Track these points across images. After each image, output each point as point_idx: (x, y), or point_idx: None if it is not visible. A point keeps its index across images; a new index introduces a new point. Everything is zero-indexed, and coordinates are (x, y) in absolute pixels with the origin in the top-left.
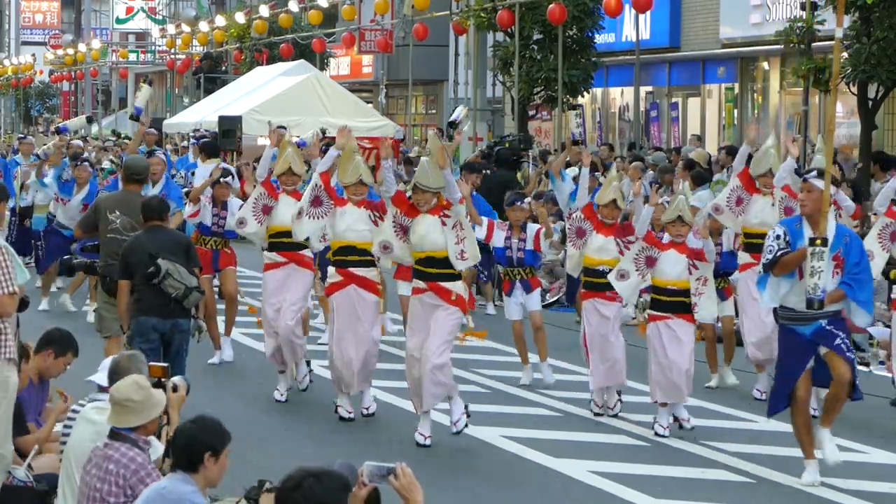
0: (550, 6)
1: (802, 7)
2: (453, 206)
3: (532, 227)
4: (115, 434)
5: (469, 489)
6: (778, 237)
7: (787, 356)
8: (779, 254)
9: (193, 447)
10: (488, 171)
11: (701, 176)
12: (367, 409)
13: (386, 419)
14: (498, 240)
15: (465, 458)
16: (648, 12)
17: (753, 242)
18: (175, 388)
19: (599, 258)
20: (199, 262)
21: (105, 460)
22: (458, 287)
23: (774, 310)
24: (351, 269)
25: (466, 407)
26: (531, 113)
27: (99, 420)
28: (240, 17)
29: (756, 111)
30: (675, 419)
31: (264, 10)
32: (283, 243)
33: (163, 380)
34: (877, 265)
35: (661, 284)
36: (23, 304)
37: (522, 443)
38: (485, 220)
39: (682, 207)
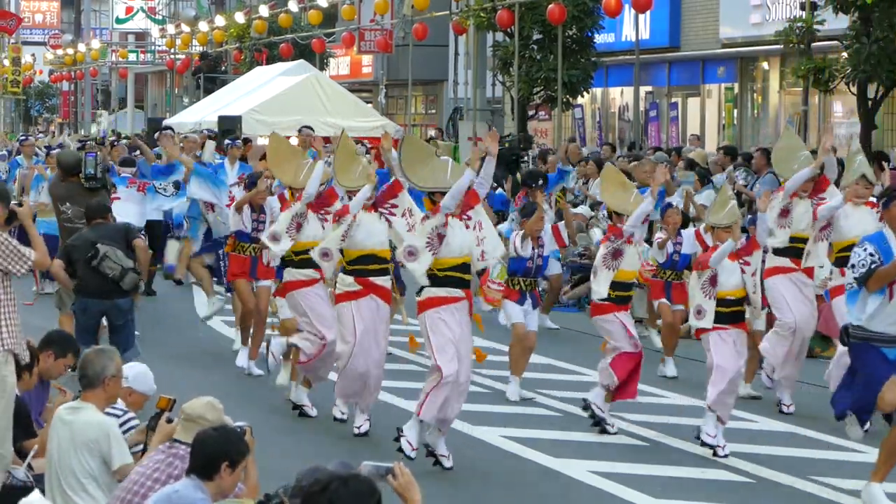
0: (550, 6)
1: (802, 7)
2: (480, 202)
3: (546, 229)
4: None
5: (468, 489)
6: (871, 253)
7: (871, 366)
8: (873, 266)
9: (212, 456)
10: None
11: (704, 175)
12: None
13: (386, 419)
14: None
15: (465, 458)
16: (648, 12)
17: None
18: (170, 420)
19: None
20: (137, 235)
21: (174, 458)
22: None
23: (844, 329)
24: (371, 279)
25: None
26: (531, 113)
27: (71, 420)
28: (239, 17)
29: (756, 111)
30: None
31: (264, 10)
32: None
33: (167, 413)
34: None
35: (721, 296)
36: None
37: (522, 443)
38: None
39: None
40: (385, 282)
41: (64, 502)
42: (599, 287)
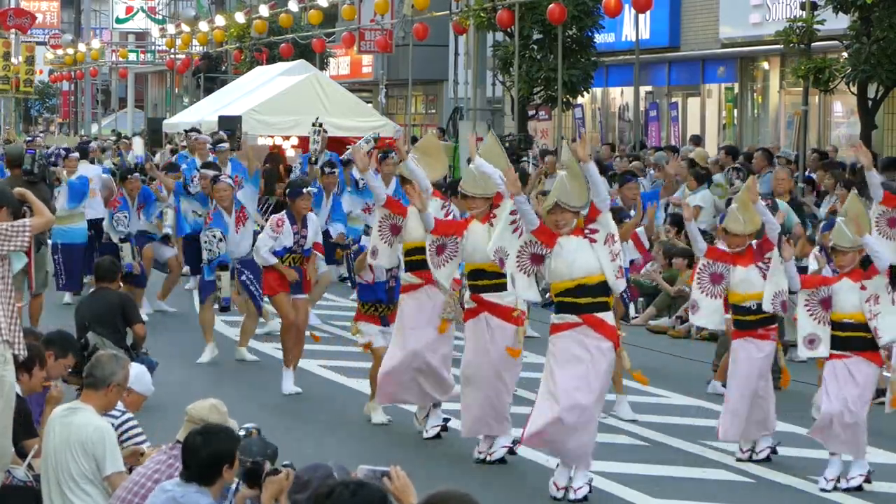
0: (550, 6)
1: (802, 7)
2: (602, 213)
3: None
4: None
5: (468, 489)
6: None
7: None
8: None
9: (211, 464)
10: None
11: (701, 175)
12: (490, 454)
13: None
14: None
15: (465, 458)
16: (648, 12)
17: None
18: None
19: (745, 293)
20: (139, 316)
21: (175, 459)
22: (610, 317)
23: None
24: (483, 295)
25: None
26: (530, 113)
27: (68, 421)
28: (240, 17)
29: (756, 111)
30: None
31: (264, 10)
32: (417, 261)
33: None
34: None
35: (836, 319)
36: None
37: None
38: None
39: (840, 234)
40: (499, 298)
41: (62, 503)
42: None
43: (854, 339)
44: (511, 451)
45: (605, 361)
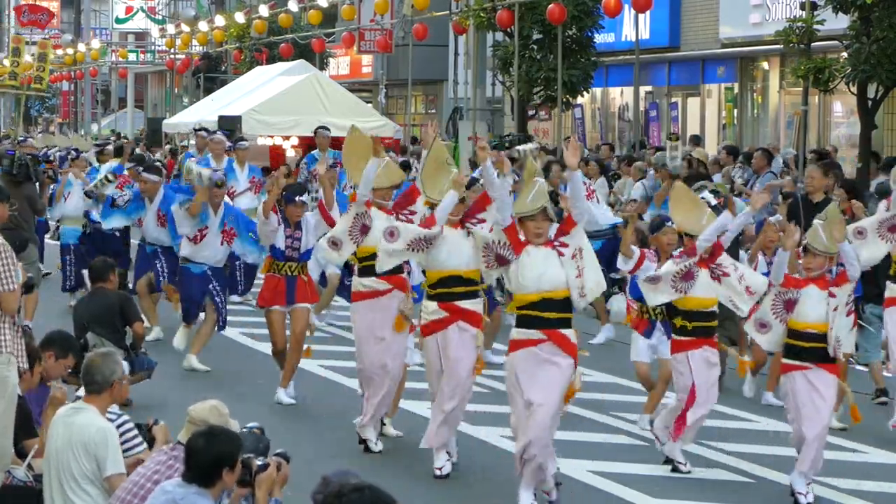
0: (550, 6)
1: (802, 7)
2: (576, 226)
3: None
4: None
5: (469, 489)
6: None
7: None
8: None
9: (212, 466)
10: None
11: (701, 175)
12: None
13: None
14: (647, 273)
15: (465, 457)
16: (648, 12)
17: None
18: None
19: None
20: (137, 315)
21: (175, 461)
22: (573, 335)
23: None
24: (457, 303)
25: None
26: (531, 113)
27: (71, 421)
28: (239, 17)
29: (756, 111)
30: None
31: (264, 10)
32: (371, 267)
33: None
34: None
35: (798, 328)
36: (28, 288)
37: None
38: (636, 249)
39: (815, 235)
40: (474, 305)
41: (63, 502)
42: (657, 296)
43: (814, 350)
44: None
45: (561, 376)
